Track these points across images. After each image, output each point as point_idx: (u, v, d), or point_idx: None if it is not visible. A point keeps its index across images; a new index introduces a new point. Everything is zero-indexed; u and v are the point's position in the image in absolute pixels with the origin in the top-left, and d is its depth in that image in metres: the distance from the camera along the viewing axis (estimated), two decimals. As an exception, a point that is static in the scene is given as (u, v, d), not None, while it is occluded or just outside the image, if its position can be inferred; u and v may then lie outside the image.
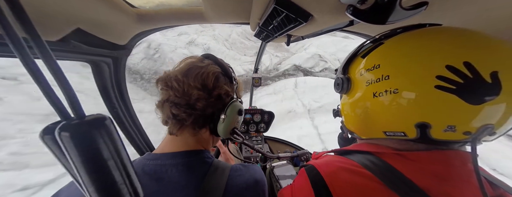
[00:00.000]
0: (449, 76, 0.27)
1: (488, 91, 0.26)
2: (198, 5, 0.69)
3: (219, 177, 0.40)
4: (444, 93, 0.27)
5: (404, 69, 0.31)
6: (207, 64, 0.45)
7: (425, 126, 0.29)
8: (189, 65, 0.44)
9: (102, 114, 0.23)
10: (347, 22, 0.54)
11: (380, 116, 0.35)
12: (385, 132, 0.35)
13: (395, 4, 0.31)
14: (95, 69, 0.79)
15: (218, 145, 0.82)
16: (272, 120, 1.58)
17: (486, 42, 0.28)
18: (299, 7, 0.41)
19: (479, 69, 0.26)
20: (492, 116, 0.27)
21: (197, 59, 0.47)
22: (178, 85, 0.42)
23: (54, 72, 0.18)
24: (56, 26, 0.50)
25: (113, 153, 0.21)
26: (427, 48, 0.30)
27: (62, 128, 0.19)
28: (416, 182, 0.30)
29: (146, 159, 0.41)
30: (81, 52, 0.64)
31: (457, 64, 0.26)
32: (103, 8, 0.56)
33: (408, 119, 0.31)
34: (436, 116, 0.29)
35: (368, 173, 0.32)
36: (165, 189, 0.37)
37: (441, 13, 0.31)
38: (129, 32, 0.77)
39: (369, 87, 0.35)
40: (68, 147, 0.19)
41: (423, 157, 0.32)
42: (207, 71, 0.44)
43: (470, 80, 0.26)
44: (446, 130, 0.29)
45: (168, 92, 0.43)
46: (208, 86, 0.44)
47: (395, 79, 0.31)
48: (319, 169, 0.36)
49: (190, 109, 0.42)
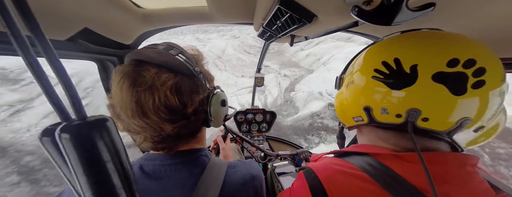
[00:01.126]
0: (381, 69, 0.34)
1: (405, 79, 0.32)
2: (202, 5, 0.70)
3: (217, 174, 0.40)
4: (376, 82, 0.34)
5: (360, 65, 0.39)
6: (153, 77, 0.33)
7: (368, 109, 0.37)
8: (131, 91, 0.32)
9: (104, 115, 0.22)
10: (352, 23, 0.54)
11: (348, 104, 0.43)
12: (353, 118, 0.42)
13: (401, 5, 0.30)
14: (102, 68, 0.81)
15: (218, 141, 0.82)
16: (274, 119, 1.58)
17: (422, 40, 0.33)
18: (303, 7, 0.41)
19: (403, 63, 0.32)
20: (414, 101, 0.31)
21: (135, 74, 0.33)
22: (143, 130, 0.34)
23: (57, 72, 0.18)
24: (65, 25, 0.51)
25: (113, 156, 0.21)
26: (379, 49, 0.38)
27: (62, 129, 0.18)
28: (413, 184, 0.30)
29: (144, 159, 0.41)
30: (88, 51, 0.65)
31: (389, 60, 0.33)
32: (110, 8, 0.57)
33: (359, 104, 0.38)
34: (372, 100, 0.36)
35: (366, 176, 0.33)
36: (165, 188, 0.37)
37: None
38: (135, 32, 0.78)
39: (345, 81, 0.44)
40: (67, 149, 0.19)
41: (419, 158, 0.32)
42: (162, 92, 0.33)
43: (394, 71, 0.33)
44: (382, 113, 0.35)
45: (135, 135, 0.37)
46: (177, 108, 0.35)
47: (355, 73, 0.40)
48: (317, 172, 0.37)
49: (174, 136, 0.37)
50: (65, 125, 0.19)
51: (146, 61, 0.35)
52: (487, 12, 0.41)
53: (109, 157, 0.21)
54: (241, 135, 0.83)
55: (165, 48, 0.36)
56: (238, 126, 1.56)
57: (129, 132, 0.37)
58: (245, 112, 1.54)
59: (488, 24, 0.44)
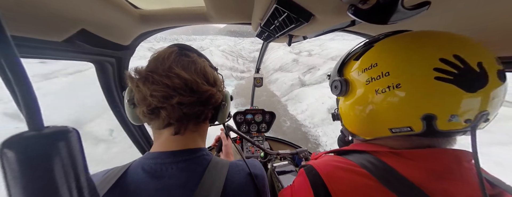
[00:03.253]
0: (445, 68, 0.29)
1: (480, 79, 0.28)
2: (200, 5, 0.70)
3: (219, 173, 0.41)
4: (444, 84, 0.29)
5: (403, 64, 0.32)
6: (195, 57, 0.43)
7: (431, 117, 0.30)
8: (176, 57, 0.40)
9: (68, 126, 0.18)
10: (349, 22, 0.54)
11: (385, 112, 0.35)
12: (390, 129, 0.35)
13: (397, 4, 0.30)
14: (99, 69, 0.81)
15: (221, 137, 0.83)
16: (273, 120, 1.58)
17: (461, 39, 0.31)
18: (300, 7, 0.41)
19: (468, 60, 0.28)
20: (486, 103, 0.29)
21: (179, 52, 0.42)
22: (183, 84, 0.37)
23: (12, 70, 0.15)
24: (61, 27, 0.51)
25: (69, 179, 0.16)
26: (420, 45, 0.33)
27: (6, 143, 0.14)
28: (411, 180, 0.30)
29: (145, 158, 0.41)
30: (86, 53, 0.65)
31: (448, 57, 0.29)
32: (107, 9, 0.57)
33: (413, 112, 0.32)
34: (440, 106, 0.30)
35: (365, 172, 0.33)
36: (166, 187, 0.37)
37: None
38: (133, 33, 0.78)
39: (370, 86, 0.36)
40: (8, 170, 0.14)
41: (418, 155, 0.33)
42: (202, 65, 0.42)
43: (463, 70, 0.28)
44: (450, 120, 0.30)
45: (165, 92, 0.37)
46: (210, 80, 0.43)
47: (396, 74, 0.33)
48: (318, 169, 0.37)
49: (203, 105, 0.41)
50: (12, 137, 0.15)
51: (188, 49, 0.45)
52: (480, 11, 0.41)
53: (65, 182, 0.16)
54: (242, 133, 0.84)
55: None
56: (238, 127, 1.56)
57: (156, 98, 0.36)
58: (244, 113, 1.54)
59: (479, 24, 0.44)
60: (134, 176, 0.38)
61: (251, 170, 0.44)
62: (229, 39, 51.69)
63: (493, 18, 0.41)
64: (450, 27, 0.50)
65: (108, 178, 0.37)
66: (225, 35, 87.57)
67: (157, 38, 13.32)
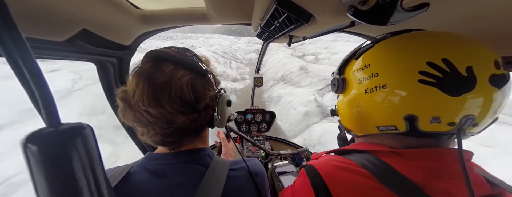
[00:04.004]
0: (430, 71, 0.30)
1: (465, 84, 0.29)
2: (200, 6, 0.70)
3: (220, 172, 0.41)
4: (427, 87, 0.30)
5: (391, 66, 0.34)
6: (171, 72, 0.35)
7: (413, 118, 0.32)
8: (149, 83, 0.34)
9: (82, 122, 0.19)
10: (348, 23, 0.54)
11: (373, 111, 0.37)
12: (378, 127, 0.37)
13: (396, 5, 0.30)
14: (100, 69, 0.81)
15: (220, 138, 0.84)
16: (273, 119, 1.58)
17: (459, 41, 0.31)
18: (300, 7, 0.41)
19: (456, 64, 0.29)
20: (472, 107, 0.29)
21: (153, 68, 0.35)
22: (155, 121, 0.35)
23: (30, 72, 0.16)
24: (63, 27, 0.52)
25: (87, 173, 0.18)
26: (411, 48, 0.33)
27: (29, 138, 0.16)
28: (411, 179, 0.30)
29: (148, 159, 0.42)
30: (87, 53, 0.66)
31: (436, 61, 0.30)
32: (108, 9, 0.57)
33: (397, 112, 0.33)
34: (421, 108, 0.31)
35: (365, 172, 0.33)
36: (170, 185, 0.38)
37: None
38: (134, 33, 0.78)
39: (361, 85, 0.38)
40: (33, 163, 0.16)
41: (417, 154, 0.33)
42: (179, 84, 0.35)
43: (449, 74, 0.29)
44: (431, 121, 0.31)
45: (144, 128, 0.37)
46: (190, 101, 0.37)
47: (384, 76, 0.34)
48: (318, 169, 0.37)
49: (183, 130, 0.38)
50: (33, 133, 0.16)
51: (165, 58, 0.38)
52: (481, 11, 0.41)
53: (83, 173, 0.18)
54: (243, 134, 0.84)
55: (182, 49, 0.42)
56: (238, 126, 1.56)
57: (139, 124, 0.37)
58: (245, 112, 1.54)
59: (480, 24, 0.44)
60: (138, 175, 0.39)
61: (250, 168, 0.45)
62: (225, 38, 47.22)
63: (494, 18, 0.41)
64: (452, 27, 0.50)
65: (113, 177, 0.37)
66: (222, 33, 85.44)
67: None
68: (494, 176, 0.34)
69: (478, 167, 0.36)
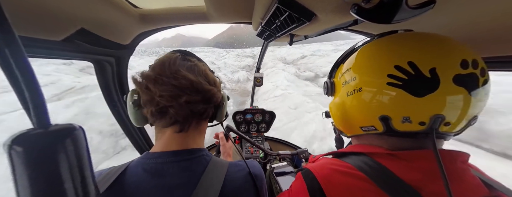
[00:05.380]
0: (397, 74, 0.32)
1: (428, 85, 0.30)
2: (200, 5, 0.69)
3: (218, 173, 0.41)
4: (394, 89, 0.32)
5: (365, 70, 0.37)
6: (196, 61, 0.47)
7: (386, 118, 0.34)
8: (180, 62, 0.43)
9: (73, 124, 0.18)
10: (351, 21, 0.53)
11: (355, 112, 0.40)
12: (361, 128, 0.39)
13: (401, 3, 0.30)
14: (98, 68, 0.80)
15: (219, 138, 0.84)
16: (273, 120, 1.58)
17: (428, 43, 0.33)
18: (302, 6, 0.41)
19: (420, 67, 0.30)
20: (438, 107, 0.30)
21: (181, 57, 0.45)
22: (190, 84, 0.41)
23: (21, 70, 0.15)
24: (61, 26, 0.51)
25: (75, 175, 0.17)
26: (382, 52, 0.35)
27: (15, 140, 0.15)
28: (407, 181, 0.31)
29: (145, 158, 0.41)
30: (85, 52, 0.65)
31: (402, 64, 0.31)
32: (106, 9, 0.56)
33: (372, 113, 0.36)
34: (392, 109, 0.33)
35: (362, 175, 0.33)
36: (168, 185, 0.37)
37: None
38: (132, 32, 0.77)
39: (344, 88, 0.41)
40: (17, 165, 0.15)
41: (413, 156, 0.33)
42: (203, 68, 0.46)
43: (413, 76, 0.31)
44: (403, 121, 0.33)
45: (173, 92, 0.40)
46: (211, 81, 0.46)
47: (359, 79, 0.37)
48: (315, 172, 0.37)
49: (206, 103, 0.44)
50: (20, 134, 0.15)
51: (189, 54, 0.50)
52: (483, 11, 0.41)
53: (70, 177, 0.17)
54: (242, 134, 0.84)
55: None
56: (237, 126, 1.55)
57: (165, 97, 0.39)
58: (244, 112, 1.53)
59: (481, 24, 0.44)
60: (133, 175, 0.38)
61: (251, 170, 0.45)
62: (214, 52, 39.81)
63: (494, 18, 0.41)
64: (453, 27, 0.49)
65: (107, 177, 0.37)
66: (213, 46, 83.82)
67: (138, 51, 11.52)
68: (493, 179, 0.34)
69: (476, 169, 0.36)
